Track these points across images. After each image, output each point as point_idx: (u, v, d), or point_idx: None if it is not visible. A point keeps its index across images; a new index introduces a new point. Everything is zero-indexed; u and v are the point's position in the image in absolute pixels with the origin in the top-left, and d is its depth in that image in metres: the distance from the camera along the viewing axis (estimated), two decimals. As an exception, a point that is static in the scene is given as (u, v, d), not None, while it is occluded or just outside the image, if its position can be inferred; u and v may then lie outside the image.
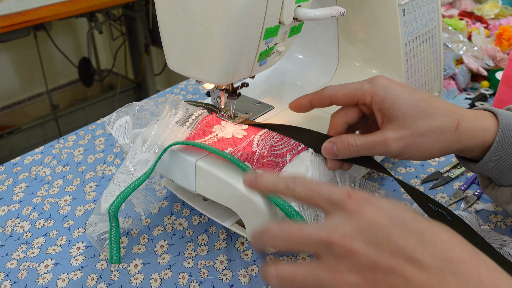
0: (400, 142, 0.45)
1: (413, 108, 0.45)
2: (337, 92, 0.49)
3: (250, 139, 0.51)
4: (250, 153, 0.48)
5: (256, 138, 0.51)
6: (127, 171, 0.52)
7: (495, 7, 1.11)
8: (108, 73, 2.53)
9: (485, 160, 0.46)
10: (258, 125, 0.54)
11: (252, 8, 0.43)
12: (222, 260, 0.52)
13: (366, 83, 0.47)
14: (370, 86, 0.47)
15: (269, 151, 0.49)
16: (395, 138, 0.45)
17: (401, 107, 0.45)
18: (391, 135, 0.45)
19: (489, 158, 0.46)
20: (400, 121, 0.45)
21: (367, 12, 0.61)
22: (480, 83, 0.88)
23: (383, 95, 0.46)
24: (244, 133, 0.52)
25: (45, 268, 0.53)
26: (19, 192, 0.65)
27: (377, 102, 0.46)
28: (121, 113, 0.56)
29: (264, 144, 0.50)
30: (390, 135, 0.45)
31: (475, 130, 0.45)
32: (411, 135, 0.45)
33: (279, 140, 0.51)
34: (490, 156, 0.46)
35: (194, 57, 0.47)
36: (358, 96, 0.47)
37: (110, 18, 2.16)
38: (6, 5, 1.55)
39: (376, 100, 0.46)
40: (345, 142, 0.47)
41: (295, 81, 0.68)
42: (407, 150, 0.45)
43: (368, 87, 0.47)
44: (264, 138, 0.51)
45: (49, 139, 2.13)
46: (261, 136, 0.51)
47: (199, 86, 0.92)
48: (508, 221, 0.56)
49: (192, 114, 0.54)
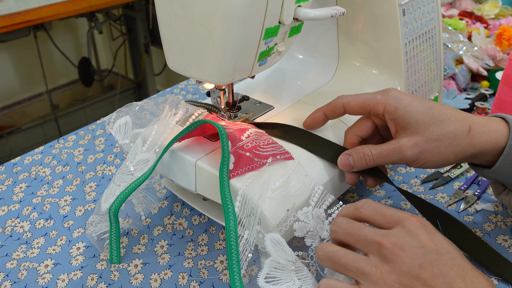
0: (415, 148, 0.46)
1: (426, 115, 0.46)
2: (350, 101, 0.50)
3: (244, 127, 0.51)
4: (237, 137, 0.48)
5: (250, 130, 0.51)
6: (127, 171, 0.52)
7: (495, 7, 1.11)
8: (108, 73, 2.53)
9: (498, 164, 0.46)
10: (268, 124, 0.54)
11: (252, 8, 0.43)
12: (222, 260, 0.52)
13: (378, 94, 0.49)
14: (383, 97, 0.48)
15: (251, 149, 0.48)
16: (410, 145, 0.46)
17: (413, 115, 0.46)
18: (406, 142, 0.46)
19: (502, 162, 0.46)
20: (413, 128, 0.46)
21: (367, 12, 0.61)
22: (480, 83, 0.88)
23: (395, 104, 0.47)
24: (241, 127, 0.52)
25: (45, 268, 0.53)
26: (19, 192, 0.65)
27: (390, 112, 0.48)
28: (121, 113, 0.56)
29: (253, 140, 0.49)
30: (405, 142, 0.46)
31: (487, 133, 0.46)
32: (425, 141, 0.46)
33: (267, 144, 0.50)
34: (503, 160, 0.46)
35: (194, 57, 0.47)
36: (371, 106, 0.49)
37: (110, 18, 2.16)
38: (6, 5, 1.55)
39: (388, 110, 0.48)
40: (361, 153, 0.49)
41: (295, 81, 0.68)
42: (422, 156, 0.46)
43: (380, 97, 0.49)
44: (256, 135, 0.51)
45: (49, 139, 2.13)
46: (256, 132, 0.51)
47: (199, 86, 0.92)
48: (508, 221, 0.56)
49: (192, 114, 0.54)
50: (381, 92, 0.49)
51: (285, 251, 0.42)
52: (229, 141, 0.47)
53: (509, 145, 0.45)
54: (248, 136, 0.50)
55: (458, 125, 0.46)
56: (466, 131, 0.46)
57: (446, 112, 0.47)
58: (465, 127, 0.46)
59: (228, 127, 0.49)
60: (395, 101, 0.47)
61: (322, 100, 0.62)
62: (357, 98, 0.50)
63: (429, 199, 0.60)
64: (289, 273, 0.41)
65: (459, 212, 0.57)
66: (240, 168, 0.46)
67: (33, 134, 2.12)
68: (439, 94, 0.70)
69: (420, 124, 0.46)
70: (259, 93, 0.64)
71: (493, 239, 0.53)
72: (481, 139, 0.46)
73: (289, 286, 0.41)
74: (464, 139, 0.46)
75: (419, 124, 0.46)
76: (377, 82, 0.64)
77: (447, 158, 0.46)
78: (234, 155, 0.47)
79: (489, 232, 0.54)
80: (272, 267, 0.41)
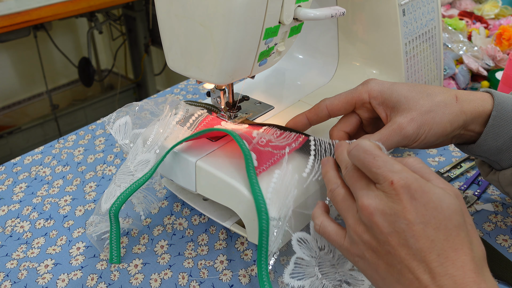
0: (413, 123, 0.46)
1: (412, 91, 0.47)
2: (333, 101, 0.50)
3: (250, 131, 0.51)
4: (250, 137, 0.48)
5: (256, 131, 0.51)
6: (128, 171, 0.52)
7: (495, 7, 1.11)
8: (108, 73, 2.53)
9: (483, 137, 0.47)
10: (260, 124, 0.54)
11: (252, 8, 0.43)
12: (222, 260, 0.52)
13: (359, 86, 0.50)
14: (364, 86, 0.49)
15: (267, 143, 0.49)
16: (407, 121, 0.46)
17: (401, 92, 0.47)
18: (402, 119, 0.46)
19: (487, 135, 0.47)
20: (404, 104, 0.47)
21: (367, 12, 0.61)
22: (480, 83, 0.88)
23: (379, 88, 0.48)
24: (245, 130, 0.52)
25: (45, 268, 0.53)
26: (19, 192, 0.65)
27: (376, 97, 0.48)
28: (121, 113, 0.56)
29: (263, 136, 0.49)
30: (401, 120, 0.46)
31: (473, 100, 0.47)
32: (420, 114, 0.46)
33: (278, 136, 0.51)
34: (487, 132, 0.47)
35: (194, 57, 0.47)
36: (355, 98, 0.49)
37: (110, 18, 2.16)
38: (6, 5, 1.55)
39: (374, 95, 0.48)
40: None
41: (295, 81, 0.68)
42: (421, 130, 0.46)
43: (361, 87, 0.49)
44: (264, 131, 0.51)
45: (49, 139, 2.13)
46: (262, 131, 0.51)
47: (199, 86, 0.92)
48: (508, 221, 0.56)
49: (192, 115, 0.54)
50: (361, 84, 0.50)
51: (309, 248, 0.44)
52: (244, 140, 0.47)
53: (493, 116, 0.46)
54: (257, 134, 0.50)
55: (445, 95, 0.47)
56: (454, 99, 0.47)
57: (429, 87, 0.48)
58: (452, 96, 0.47)
59: (237, 130, 0.49)
60: (378, 85, 0.48)
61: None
62: (339, 96, 0.50)
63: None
64: (313, 269, 0.43)
65: (459, 212, 0.57)
66: (264, 163, 0.46)
67: (33, 134, 2.12)
68: (439, 94, 0.70)
69: (410, 99, 0.46)
70: (259, 93, 0.64)
71: (493, 239, 0.53)
72: (469, 106, 0.47)
73: (312, 281, 0.43)
74: (455, 106, 0.46)
75: (409, 99, 0.47)
76: (377, 82, 0.64)
77: (444, 128, 0.46)
78: (255, 152, 0.47)
79: (489, 232, 0.54)
80: (297, 263, 0.43)
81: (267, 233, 0.44)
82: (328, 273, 0.43)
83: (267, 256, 0.44)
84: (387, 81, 0.49)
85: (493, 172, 0.51)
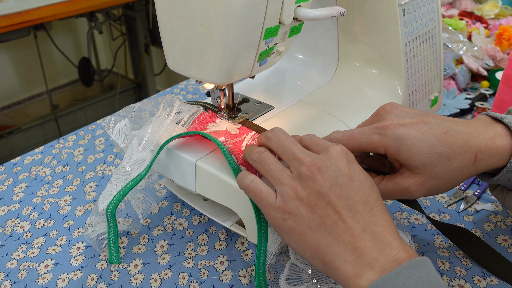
0: (422, 188, 0.45)
1: (431, 155, 0.43)
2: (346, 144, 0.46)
3: (241, 138, 0.51)
4: (238, 150, 0.48)
5: (247, 138, 0.51)
6: (124, 171, 0.52)
7: (495, 7, 1.11)
8: (108, 73, 2.53)
9: (499, 176, 0.46)
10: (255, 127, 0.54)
11: (252, 8, 0.43)
12: (222, 261, 0.52)
13: (375, 135, 0.45)
14: (381, 139, 0.44)
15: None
16: (417, 186, 0.44)
17: (419, 157, 0.43)
18: (412, 183, 0.44)
19: (504, 175, 0.46)
20: (419, 169, 0.44)
21: (367, 12, 0.61)
22: (480, 83, 0.88)
23: (397, 147, 0.44)
24: (237, 132, 0.52)
25: (45, 268, 0.53)
26: (19, 192, 0.65)
27: (392, 154, 0.44)
28: (119, 117, 0.57)
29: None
30: (411, 184, 0.44)
31: (492, 157, 0.45)
32: (432, 179, 0.44)
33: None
34: (505, 173, 0.46)
35: (194, 57, 0.47)
36: (370, 149, 0.46)
37: (110, 18, 2.16)
38: (6, 5, 1.55)
39: (390, 152, 0.44)
40: None
41: (295, 81, 0.68)
42: (430, 193, 0.45)
43: (378, 139, 0.45)
44: (254, 139, 0.51)
45: (49, 139, 2.13)
46: (252, 136, 0.51)
47: (199, 86, 0.92)
48: (508, 221, 0.56)
49: (186, 112, 0.54)
50: (377, 132, 0.45)
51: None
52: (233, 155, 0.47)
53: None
54: (246, 144, 0.50)
55: (464, 156, 0.44)
56: (472, 161, 0.44)
57: (451, 143, 0.43)
58: (471, 157, 0.44)
59: (226, 141, 0.49)
60: (396, 143, 0.43)
61: (322, 100, 0.62)
62: (352, 142, 0.46)
63: (429, 199, 0.60)
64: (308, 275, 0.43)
65: (459, 212, 0.57)
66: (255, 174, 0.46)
67: (33, 134, 2.12)
68: (439, 94, 0.70)
69: (427, 166, 0.43)
70: (259, 93, 0.64)
71: (493, 239, 0.53)
72: (486, 164, 0.45)
73: (308, 286, 0.43)
74: (470, 169, 0.44)
75: (426, 166, 0.43)
76: (377, 82, 0.64)
77: (452, 186, 0.46)
78: (245, 166, 0.47)
79: (489, 232, 0.54)
80: (292, 269, 0.44)
81: (266, 233, 0.44)
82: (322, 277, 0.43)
83: (266, 256, 0.44)
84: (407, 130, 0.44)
85: (501, 188, 0.50)
